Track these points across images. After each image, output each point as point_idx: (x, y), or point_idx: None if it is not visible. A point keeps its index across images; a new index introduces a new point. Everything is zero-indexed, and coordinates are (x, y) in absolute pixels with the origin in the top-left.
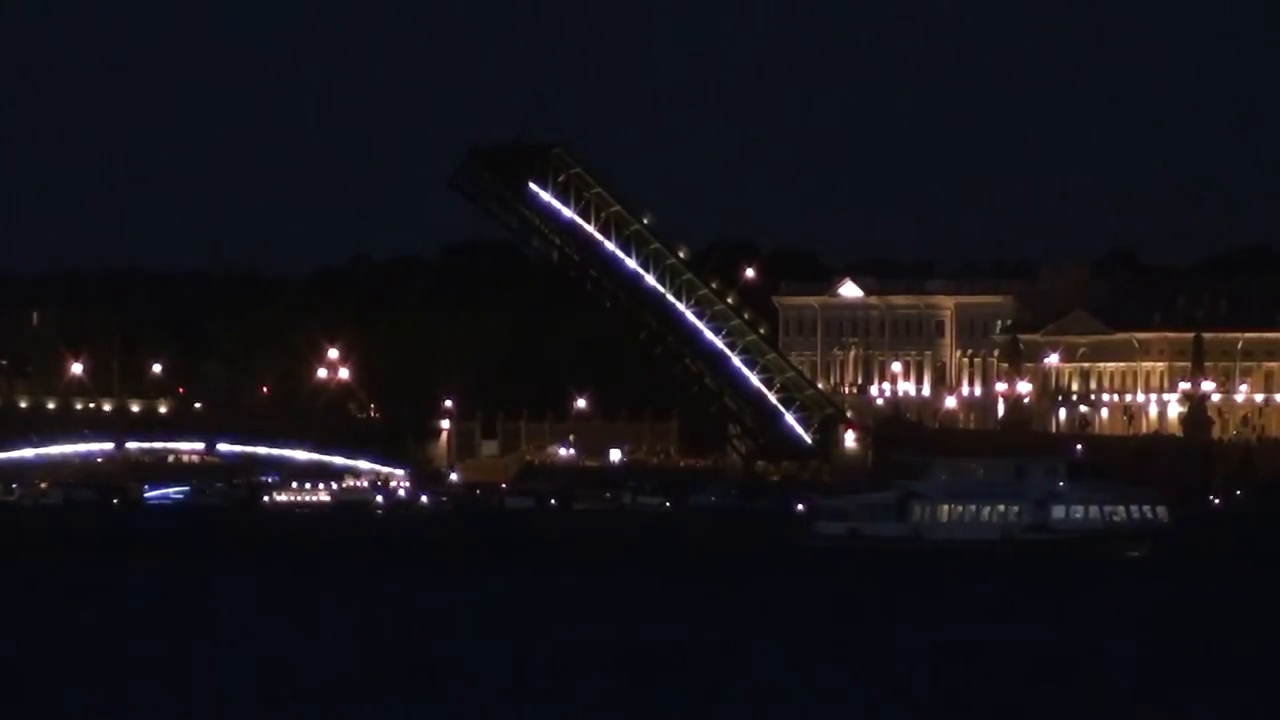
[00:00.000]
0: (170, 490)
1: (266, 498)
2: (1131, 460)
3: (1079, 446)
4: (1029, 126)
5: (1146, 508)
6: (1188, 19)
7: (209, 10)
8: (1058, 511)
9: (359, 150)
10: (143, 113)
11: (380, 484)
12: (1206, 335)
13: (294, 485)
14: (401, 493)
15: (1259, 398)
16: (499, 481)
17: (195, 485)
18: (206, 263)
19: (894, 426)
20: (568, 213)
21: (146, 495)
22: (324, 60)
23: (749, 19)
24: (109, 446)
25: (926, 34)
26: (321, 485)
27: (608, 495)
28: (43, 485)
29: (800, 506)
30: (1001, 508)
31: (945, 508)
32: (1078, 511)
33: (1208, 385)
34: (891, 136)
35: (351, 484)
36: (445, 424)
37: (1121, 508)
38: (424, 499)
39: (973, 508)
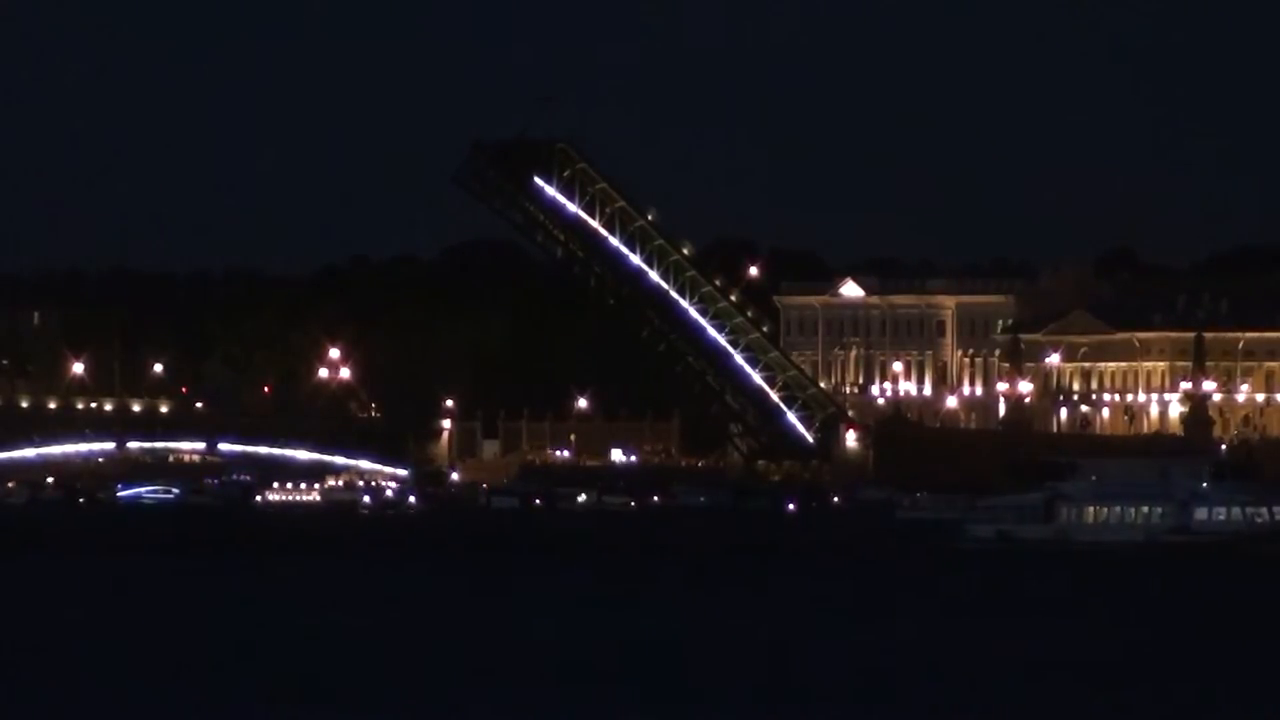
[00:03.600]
0: (144, 490)
1: (259, 498)
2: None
3: (1223, 447)
4: (1029, 126)
5: None
6: (1189, 19)
7: (209, 9)
8: (1200, 513)
9: (359, 150)
10: (143, 113)
11: (368, 484)
12: (1207, 335)
13: (276, 485)
14: (389, 493)
15: (1260, 397)
16: (498, 480)
17: (183, 485)
18: (207, 262)
19: (895, 426)
20: (572, 208)
21: (119, 495)
22: (324, 59)
23: (751, 17)
24: (110, 446)
25: (927, 33)
26: (304, 485)
27: (580, 497)
28: (10, 485)
29: (791, 506)
30: (1146, 509)
31: (1091, 509)
32: (1220, 513)
33: (1209, 385)
34: (892, 136)
35: (334, 483)
36: (446, 424)
37: (1264, 509)
38: (411, 499)
39: (1117, 509)
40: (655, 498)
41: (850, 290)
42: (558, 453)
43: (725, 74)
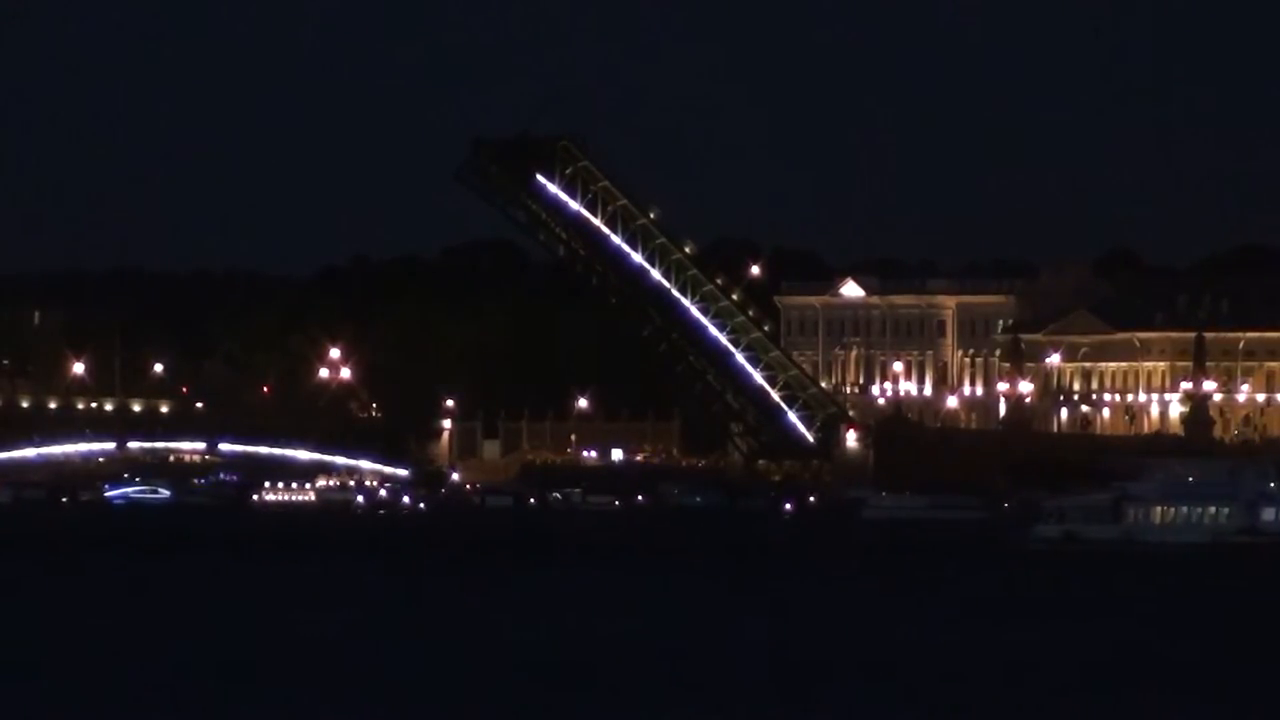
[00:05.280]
0: (130, 490)
1: (255, 498)
2: None
3: None
4: (1029, 125)
5: None
6: (1188, 19)
7: (208, 9)
8: (1268, 513)
9: (359, 149)
10: (143, 112)
11: (359, 484)
12: (1208, 335)
13: (267, 485)
14: (383, 493)
15: (1260, 397)
16: (497, 481)
17: (171, 485)
18: (207, 262)
19: (895, 426)
20: (574, 206)
21: (106, 495)
22: (324, 58)
23: (752, 17)
24: (110, 446)
25: (928, 33)
26: (295, 485)
27: (557, 496)
28: None
29: (787, 506)
30: (1213, 509)
31: (1158, 509)
32: None
33: (1209, 385)
34: (893, 136)
35: (327, 483)
36: (447, 424)
37: None
38: (405, 499)
39: (1184, 509)
40: (640, 497)
41: (850, 290)
42: (587, 453)
43: (727, 73)
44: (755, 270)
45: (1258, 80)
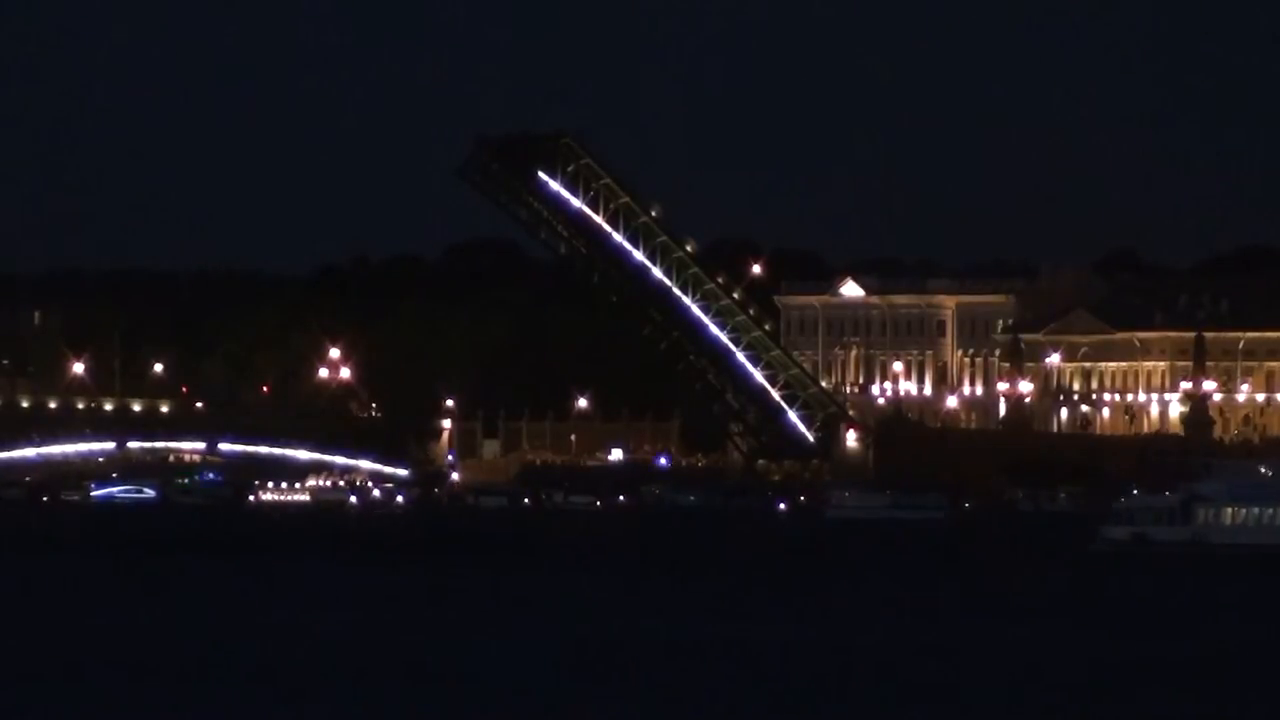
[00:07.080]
0: (115, 490)
1: (252, 498)
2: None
3: None
4: (1029, 126)
5: None
6: (1188, 19)
7: (208, 8)
8: None
9: (360, 149)
10: (142, 112)
11: (351, 484)
12: (1208, 335)
13: (257, 484)
14: (377, 493)
15: (1260, 397)
16: (499, 481)
17: (157, 485)
18: (207, 262)
19: (895, 426)
20: (575, 203)
21: (93, 495)
22: (324, 58)
23: (754, 16)
24: (110, 446)
25: (928, 33)
26: (285, 485)
27: (545, 495)
28: None
29: (781, 506)
30: None
31: (1229, 510)
32: None
33: (1209, 385)
34: (893, 135)
35: (319, 483)
36: (446, 423)
37: None
38: (399, 499)
39: (1256, 510)
40: (621, 497)
41: (850, 290)
42: (612, 453)
43: (728, 72)
44: (756, 270)
45: (1259, 79)
